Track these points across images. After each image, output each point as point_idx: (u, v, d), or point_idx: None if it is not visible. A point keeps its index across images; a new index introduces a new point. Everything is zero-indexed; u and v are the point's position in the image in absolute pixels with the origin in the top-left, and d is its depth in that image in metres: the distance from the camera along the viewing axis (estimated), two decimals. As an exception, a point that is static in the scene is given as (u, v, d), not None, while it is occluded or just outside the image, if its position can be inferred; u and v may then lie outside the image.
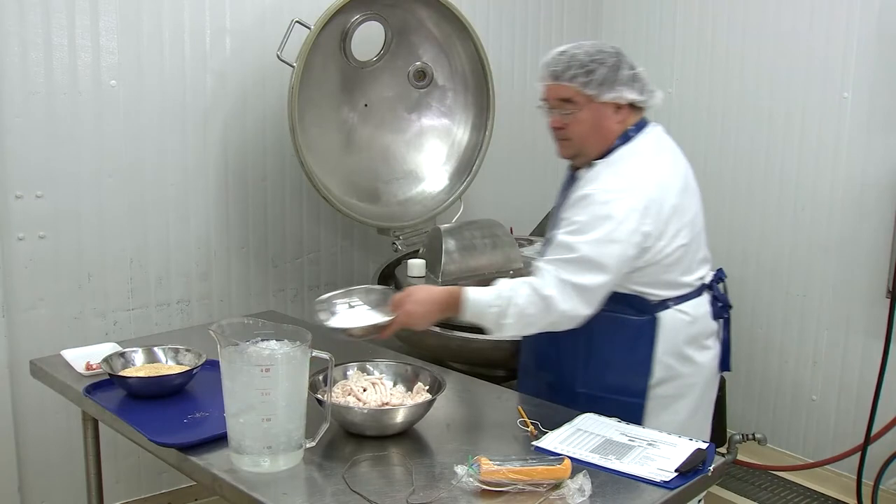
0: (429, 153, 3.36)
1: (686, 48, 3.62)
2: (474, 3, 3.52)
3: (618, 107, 2.01)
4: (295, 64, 2.76)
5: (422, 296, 1.96)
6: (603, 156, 2.03)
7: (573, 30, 3.91)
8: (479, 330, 2.44)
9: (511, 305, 1.89)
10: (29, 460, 2.76)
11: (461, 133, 3.34)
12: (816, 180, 3.22)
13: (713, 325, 2.12)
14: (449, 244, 2.70)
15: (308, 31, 2.79)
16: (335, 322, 2.02)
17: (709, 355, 2.11)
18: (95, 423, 2.20)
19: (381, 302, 2.07)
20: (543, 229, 3.33)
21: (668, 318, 2.02)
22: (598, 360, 2.04)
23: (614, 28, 3.95)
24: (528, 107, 3.80)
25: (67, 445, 2.77)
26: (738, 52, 3.44)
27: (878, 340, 3.02)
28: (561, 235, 1.93)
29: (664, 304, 2.03)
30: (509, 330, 1.92)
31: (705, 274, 2.13)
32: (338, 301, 2.10)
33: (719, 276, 2.18)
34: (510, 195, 3.77)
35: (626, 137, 2.03)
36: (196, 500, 3.09)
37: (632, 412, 1.97)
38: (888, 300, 2.97)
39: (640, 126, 2.06)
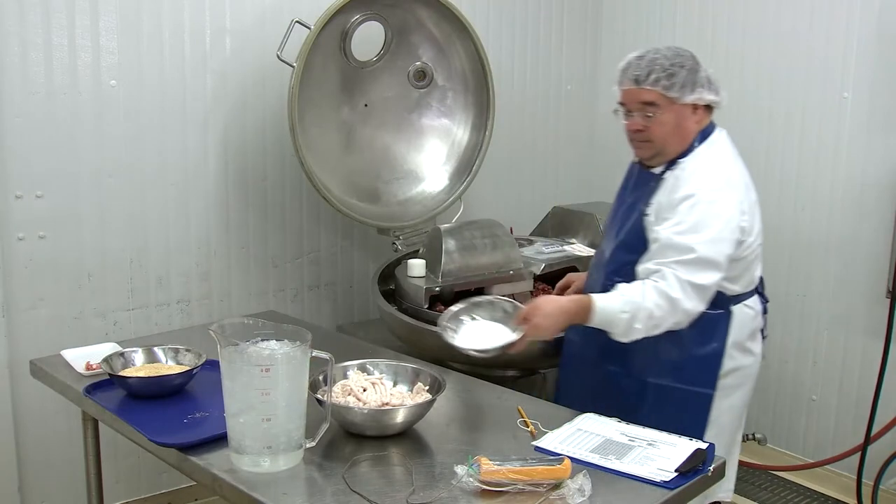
0: (429, 153, 3.35)
1: (686, 48, 3.61)
2: (474, 3, 3.51)
3: (695, 108, 2.10)
4: (295, 64, 2.76)
5: (550, 308, 2.00)
6: (682, 155, 2.11)
7: (573, 30, 3.91)
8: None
9: (641, 310, 1.96)
10: (29, 460, 2.76)
11: (461, 133, 3.34)
12: (816, 180, 3.22)
13: (762, 320, 2.26)
14: (449, 244, 2.70)
15: (308, 31, 2.79)
16: (463, 343, 2.03)
17: (759, 347, 2.26)
18: (95, 423, 2.20)
19: (506, 316, 2.08)
20: (544, 229, 3.35)
21: (738, 312, 2.15)
22: (671, 352, 2.09)
23: (614, 28, 3.95)
24: (528, 107, 3.82)
25: (67, 445, 2.77)
26: (738, 52, 3.44)
27: (878, 340, 3.02)
28: (674, 236, 2.00)
29: (737, 298, 2.13)
30: (638, 334, 1.99)
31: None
32: (463, 316, 2.12)
33: (760, 274, 2.29)
34: (510, 195, 3.78)
35: (702, 136, 2.13)
36: (196, 500, 3.09)
37: (701, 402, 2.11)
38: (888, 300, 2.97)
39: (712, 127, 2.16)
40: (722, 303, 2.10)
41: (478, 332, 2.08)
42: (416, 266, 2.74)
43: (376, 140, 3.26)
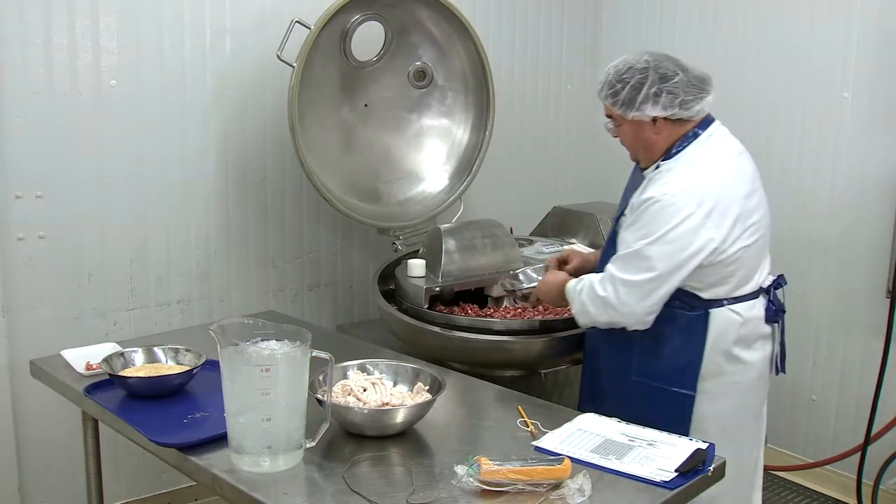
0: (429, 153, 3.35)
1: (686, 48, 3.62)
2: (474, 3, 3.52)
3: (654, 120, 2.07)
4: (295, 64, 2.76)
5: (549, 277, 2.38)
6: (666, 157, 2.09)
7: (573, 30, 3.91)
8: (479, 330, 2.46)
9: (574, 300, 2.12)
10: (29, 460, 2.76)
11: (461, 133, 3.34)
12: (816, 180, 3.22)
13: (765, 329, 2.16)
14: (449, 244, 2.70)
15: (308, 31, 2.79)
16: None
17: (756, 356, 2.14)
18: (95, 423, 2.20)
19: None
20: (544, 229, 3.35)
21: (719, 316, 2.07)
22: (651, 351, 2.08)
23: (615, 28, 3.95)
24: (528, 107, 3.82)
25: (67, 445, 2.77)
26: (738, 51, 3.44)
27: (878, 340, 3.02)
28: (624, 233, 2.04)
29: (718, 301, 2.07)
30: (581, 319, 2.14)
31: (765, 277, 2.18)
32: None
33: (779, 281, 2.22)
34: (510, 195, 3.77)
35: (693, 136, 2.09)
36: (196, 500, 3.09)
37: (683, 403, 2.06)
38: (888, 300, 2.97)
39: (706, 124, 2.11)
40: (698, 305, 2.06)
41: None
42: (416, 266, 2.74)
43: (376, 140, 3.26)
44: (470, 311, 2.65)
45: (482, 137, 3.28)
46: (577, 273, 2.53)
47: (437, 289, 2.62)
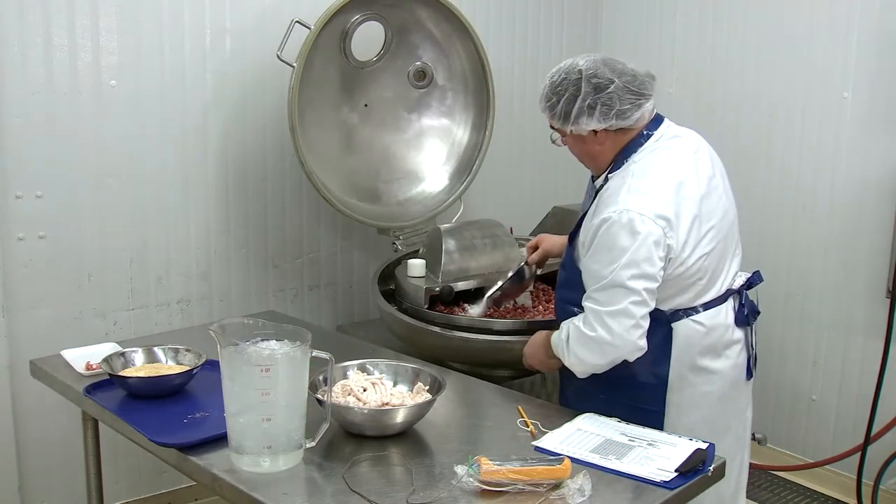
0: (429, 153, 3.35)
1: (686, 47, 3.63)
2: (474, 3, 3.51)
3: (595, 132, 1.98)
4: (295, 64, 2.76)
5: (530, 341, 2.19)
6: (616, 167, 2.00)
7: (573, 30, 3.91)
8: (479, 330, 2.46)
9: (567, 353, 1.96)
10: (29, 460, 2.76)
11: (461, 133, 3.34)
12: (816, 180, 3.22)
13: (735, 334, 2.06)
14: (449, 244, 2.70)
15: (308, 31, 2.79)
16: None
17: (726, 364, 2.05)
18: (95, 423, 2.20)
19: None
20: (544, 229, 3.34)
21: (682, 329, 1.99)
22: (616, 369, 1.96)
23: (615, 29, 3.95)
24: (528, 107, 3.81)
25: (67, 445, 2.77)
26: (738, 52, 3.44)
27: (878, 340, 3.02)
28: (590, 263, 1.93)
29: (680, 313, 1.99)
30: (578, 370, 1.98)
31: (733, 279, 2.08)
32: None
33: (752, 280, 2.13)
34: (510, 195, 3.77)
35: (640, 141, 2.00)
36: (196, 500, 3.09)
37: (651, 421, 1.93)
38: (888, 300, 2.97)
39: (655, 125, 2.02)
40: (661, 319, 1.96)
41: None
42: (416, 266, 2.74)
43: (376, 140, 3.26)
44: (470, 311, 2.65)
45: (482, 137, 3.28)
46: (543, 260, 2.51)
47: (437, 289, 2.62)
